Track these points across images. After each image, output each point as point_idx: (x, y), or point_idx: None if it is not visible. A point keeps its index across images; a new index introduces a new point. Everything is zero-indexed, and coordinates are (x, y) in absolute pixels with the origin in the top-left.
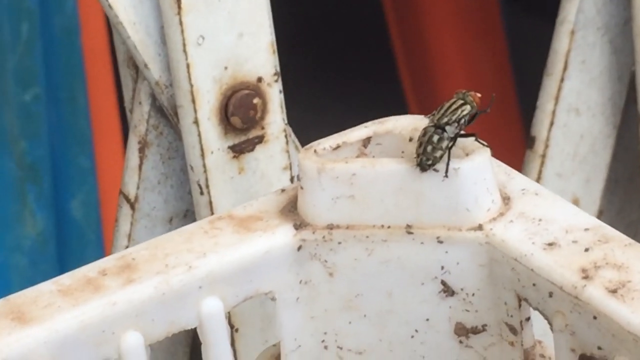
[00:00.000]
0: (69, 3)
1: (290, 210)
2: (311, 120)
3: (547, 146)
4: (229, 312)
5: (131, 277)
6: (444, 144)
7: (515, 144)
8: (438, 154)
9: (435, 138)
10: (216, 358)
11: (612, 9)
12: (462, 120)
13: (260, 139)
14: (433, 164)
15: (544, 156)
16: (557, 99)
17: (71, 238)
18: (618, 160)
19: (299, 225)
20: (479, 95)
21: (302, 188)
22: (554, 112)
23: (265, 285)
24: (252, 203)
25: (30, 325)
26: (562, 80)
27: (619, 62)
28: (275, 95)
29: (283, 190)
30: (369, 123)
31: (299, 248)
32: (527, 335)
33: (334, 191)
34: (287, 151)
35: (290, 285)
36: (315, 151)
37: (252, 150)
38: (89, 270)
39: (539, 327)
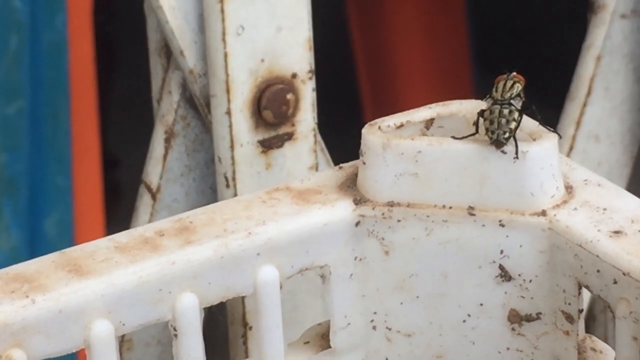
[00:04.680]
0: (59, 18)
1: (349, 186)
2: None
3: None
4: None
5: (190, 238)
6: (515, 115)
7: None
8: (513, 125)
9: (506, 111)
10: (268, 327)
11: (639, 37)
12: (521, 95)
13: (289, 136)
14: (509, 137)
15: None
16: (578, 124)
17: None
18: (632, 191)
19: (359, 201)
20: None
21: (364, 163)
22: (574, 137)
23: (321, 258)
24: (309, 177)
25: (88, 278)
26: (584, 105)
27: None
28: (308, 93)
29: (341, 167)
30: (433, 105)
31: (357, 224)
32: (580, 327)
33: (398, 168)
34: (315, 151)
35: (345, 261)
36: (379, 127)
37: (280, 146)
38: (145, 230)
39: None
